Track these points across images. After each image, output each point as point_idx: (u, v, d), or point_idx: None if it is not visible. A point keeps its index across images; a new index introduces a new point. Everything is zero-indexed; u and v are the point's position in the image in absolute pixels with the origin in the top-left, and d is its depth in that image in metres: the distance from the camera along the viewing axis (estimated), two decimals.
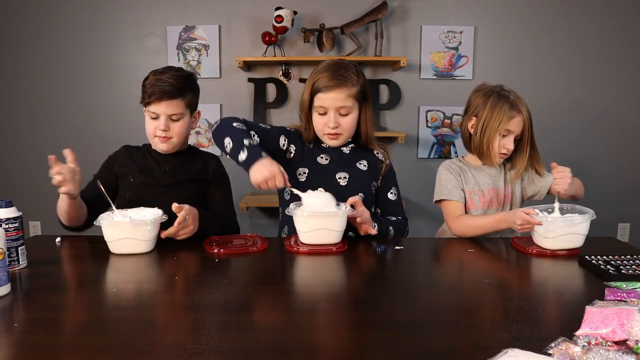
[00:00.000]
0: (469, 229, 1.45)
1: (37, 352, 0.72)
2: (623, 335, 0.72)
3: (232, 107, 2.86)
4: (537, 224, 1.26)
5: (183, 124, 1.51)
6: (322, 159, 1.51)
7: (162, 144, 1.50)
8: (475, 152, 1.54)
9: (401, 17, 2.80)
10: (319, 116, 1.45)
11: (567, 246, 1.25)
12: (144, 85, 1.47)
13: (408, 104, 2.86)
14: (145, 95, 1.46)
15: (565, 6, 2.78)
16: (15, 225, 1.09)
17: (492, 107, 1.47)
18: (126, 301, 0.94)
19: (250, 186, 1.32)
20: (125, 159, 1.55)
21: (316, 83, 1.42)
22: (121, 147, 1.61)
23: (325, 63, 1.46)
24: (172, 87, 1.44)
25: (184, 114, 1.50)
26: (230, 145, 1.35)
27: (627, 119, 2.87)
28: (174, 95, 1.45)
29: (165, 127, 1.46)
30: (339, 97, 1.41)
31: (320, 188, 1.42)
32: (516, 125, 1.47)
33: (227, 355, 0.71)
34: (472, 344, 0.75)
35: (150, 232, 1.24)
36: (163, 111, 1.46)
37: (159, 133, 1.47)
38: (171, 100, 1.45)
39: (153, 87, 1.43)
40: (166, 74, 1.45)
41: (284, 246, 1.30)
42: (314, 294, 1.01)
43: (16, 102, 2.88)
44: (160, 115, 1.46)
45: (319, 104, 1.43)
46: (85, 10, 2.80)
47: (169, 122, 1.47)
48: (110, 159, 1.58)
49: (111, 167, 1.55)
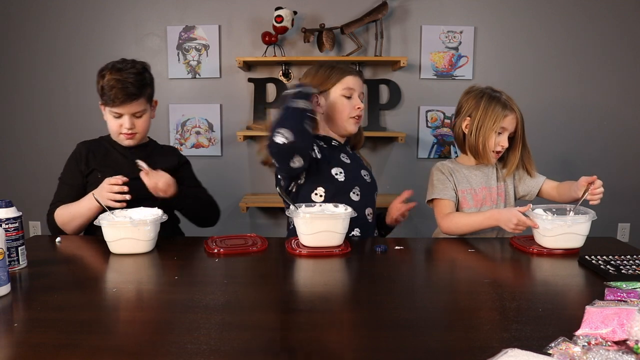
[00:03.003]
0: (457, 227, 1.47)
1: (37, 352, 0.72)
2: (623, 335, 0.72)
3: (232, 107, 2.86)
4: (534, 226, 1.28)
5: (146, 118, 1.54)
6: (344, 158, 1.53)
7: (127, 140, 1.52)
8: (470, 151, 1.56)
9: (401, 17, 2.79)
10: (345, 100, 1.51)
11: (567, 246, 1.25)
12: (102, 86, 1.45)
13: (408, 104, 2.86)
14: (107, 98, 1.45)
15: (565, 6, 2.78)
16: (15, 225, 1.09)
17: (485, 106, 1.51)
18: (126, 301, 0.94)
19: (250, 186, 1.32)
20: (89, 156, 1.53)
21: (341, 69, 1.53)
22: (79, 145, 1.58)
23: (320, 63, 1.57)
24: (134, 87, 1.45)
25: (146, 109, 1.53)
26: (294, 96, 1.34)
27: (627, 118, 2.87)
28: (137, 96, 1.46)
29: (130, 126, 1.49)
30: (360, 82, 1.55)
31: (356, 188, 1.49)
32: (510, 123, 1.51)
33: (227, 355, 0.71)
34: (472, 344, 0.75)
35: (150, 232, 1.24)
36: (127, 111, 1.47)
37: (124, 131, 1.49)
38: (132, 102, 1.46)
39: (115, 90, 1.43)
40: (123, 73, 1.44)
41: (285, 248, 1.30)
42: (314, 294, 1.01)
43: (16, 102, 2.88)
44: (124, 115, 1.48)
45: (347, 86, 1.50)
46: (85, 10, 2.80)
47: (133, 119, 1.49)
48: (73, 158, 1.55)
49: (77, 167, 1.53)
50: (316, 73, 1.53)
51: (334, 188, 1.45)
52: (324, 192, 1.45)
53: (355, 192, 1.49)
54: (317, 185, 1.46)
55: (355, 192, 1.49)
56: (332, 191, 1.45)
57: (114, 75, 1.44)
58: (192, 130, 2.86)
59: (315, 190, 1.45)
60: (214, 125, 2.86)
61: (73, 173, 1.53)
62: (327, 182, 1.46)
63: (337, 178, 1.47)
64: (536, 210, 1.31)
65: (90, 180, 1.50)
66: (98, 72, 1.49)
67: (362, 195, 1.50)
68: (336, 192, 1.45)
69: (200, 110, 2.83)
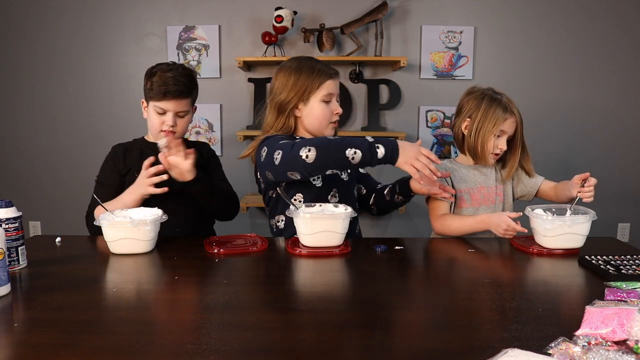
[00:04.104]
0: (449, 229, 1.49)
1: (37, 352, 0.72)
2: (623, 335, 0.72)
3: (232, 107, 2.86)
4: (521, 230, 1.32)
5: (188, 120, 1.57)
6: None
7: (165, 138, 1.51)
8: (469, 152, 1.57)
9: (401, 17, 2.80)
10: (325, 105, 1.48)
11: (567, 246, 1.25)
12: (151, 81, 1.49)
13: (408, 104, 2.86)
14: (154, 93, 1.49)
15: (565, 6, 2.78)
16: (15, 225, 1.09)
17: (486, 109, 1.50)
18: (126, 301, 0.94)
19: (250, 186, 1.33)
20: (126, 156, 1.58)
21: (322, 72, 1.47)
22: (115, 147, 1.62)
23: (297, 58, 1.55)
24: (184, 86, 1.50)
25: (189, 111, 1.56)
26: (355, 152, 1.23)
27: (627, 118, 2.87)
28: (184, 94, 1.51)
29: (173, 123, 1.51)
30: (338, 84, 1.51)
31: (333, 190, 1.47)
32: (509, 126, 1.51)
33: (227, 355, 0.71)
34: (472, 344, 0.75)
35: (150, 232, 1.24)
36: (172, 108, 1.50)
37: (165, 128, 1.51)
38: (181, 100, 1.50)
39: (166, 86, 1.47)
40: (173, 72, 1.50)
41: (285, 248, 1.30)
42: (314, 294, 1.01)
43: (16, 102, 2.88)
44: (168, 112, 1.51)
45: (327, 92, 1.47)
46: (85, 10, 2.80)
47: (176, 118, 1.52)
48: (110, 159, 1.59)
49: (115, 167, 1.56)
50: (297, 80, 1.46)
51: (312, 194, 1.45)
52: (302, 198, 1.46)
53: (334, 195, 1.50)
54: (295, 192, 1.46)
55: (333, 194, 1.49)
56: (310, 196, 1.45)
57: (166, 73, 1.49)
58: (192, 130, 2.86)
59: (294, 196, 1.46)
60: (214, 125, 2.86)
61: (111, 173, 1.56)
62: (304, 188, 1.46)
63: (315, 184, 1.47)
64: (536, 210, 1.31)
65: (128, 180, 1.52)
66: (147, 71, 1.53)
67: (341, 196, 1.51)
68: (315, 197, 1.44)
69: (200, 110, 2.79)
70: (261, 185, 1.57)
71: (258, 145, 1.48)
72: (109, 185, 1.54)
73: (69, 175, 2.85)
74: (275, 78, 1.53)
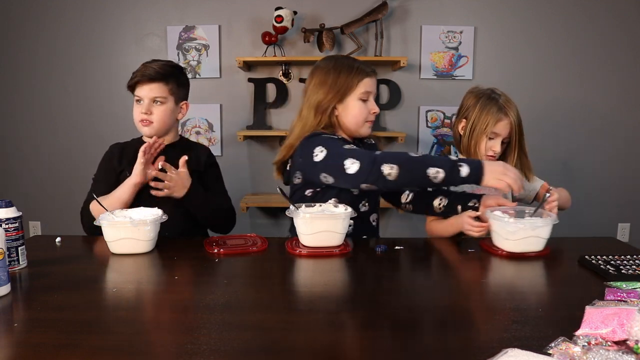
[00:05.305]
0: (434, 232, 1.54)
1: (37, 352, 0.72)
2: (623, 335, 0.72)
3: (232, 107, 2.86)
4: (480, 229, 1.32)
5: (165, 109, 1.55)
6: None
7: (144, 128, 1.55)
8: (464, 153, 1.56)
9: (401, 17, 2.80)
10: (362, 103, 1.45)
11: (528, 249, 1.22)
12: (133, 73, 1.54)
13: (408, 104, 2.86)
14: (132, 82, 1.53)
15: (565, 6, 2.78)
16: (15, 225, 1.09)
17: (480, 109, 1.49)
18: (126, 301, 0.94)
19: (250, 186, 1.33)
20: (122, 155, 1.58)
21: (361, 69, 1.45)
22: (112, 146, 1.63)
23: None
24: (156, 72, 1.51)
25: (167, 98, 1.55)
26: (437, 171, 1.21)
27: (627, 118, 2.87)
28: (156, 79, 1.52)
29: (147, 110, 1.52)
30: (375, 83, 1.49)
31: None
32: (503, 128, 1.48)
33: (227, 355, 0.71)
34: (472, 344, 0.75)
35: (150, 232, 1.24)
36: (145, 94, 1.52)
37: (142, 117, 1.53)
38: (153, 83, 1.51)
39: (139, 72, 1.51)
40: (154, 63, 1.54)
41: (285, 248, 1.30)
42: (314, 294, 1.01)
43: (16, 102, 2.88)
44: (143, 98, 1.52)
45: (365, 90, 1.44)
46: (85, 10, 2.80)
47: (151, 105, 1.53)
48: (106, 157, 1.60)
49: (110, 166, 1.56)
50: (337, 78, 1.43)
51: (346, 199, 1.42)
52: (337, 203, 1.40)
53: (364, 204, 1.49)
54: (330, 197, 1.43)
55: (364, 203, 1.49)
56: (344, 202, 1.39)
57: (148, 64, 1.53)
58: (192, 130, 2.86)
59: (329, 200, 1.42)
60: (214, 125, 2.86)
61: (107, 172, 1.57)
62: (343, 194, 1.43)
63: (353, 191, 1.45)
64: (495, 212, 1.28)
65: (122, 179, 1.52)
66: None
67: (371, 205, 1.51)
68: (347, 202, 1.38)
69: (200, 110, 2.83)
70: (295, 181, 1.48)
71: (303, 143, 1.40)
72: (105, 184, 1.54)
73: (68, 175, 2.85)
74: (311, 77, 1.48)
